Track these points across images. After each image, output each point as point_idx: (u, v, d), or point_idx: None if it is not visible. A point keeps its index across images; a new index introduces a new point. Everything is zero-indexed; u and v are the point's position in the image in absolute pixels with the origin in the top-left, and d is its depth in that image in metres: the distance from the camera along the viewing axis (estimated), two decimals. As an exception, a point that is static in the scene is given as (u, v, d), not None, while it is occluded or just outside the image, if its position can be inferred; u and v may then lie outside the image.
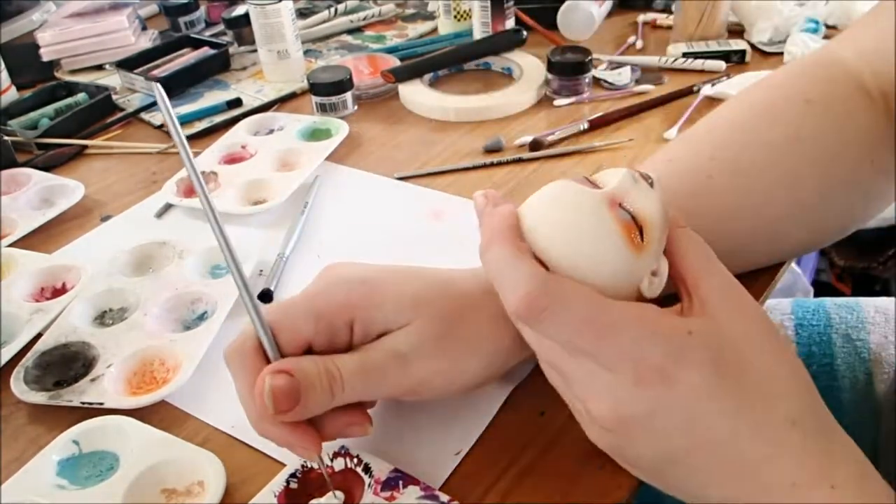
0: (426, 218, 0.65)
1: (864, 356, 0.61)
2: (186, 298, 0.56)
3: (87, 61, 0.99)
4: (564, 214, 0.35)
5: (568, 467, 0.42)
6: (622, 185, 0.35)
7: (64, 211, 0.69)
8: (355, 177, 0.72)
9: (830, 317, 0.64)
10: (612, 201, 0.35)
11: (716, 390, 0.33)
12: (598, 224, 0.34)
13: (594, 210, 0.35)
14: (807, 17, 0.85)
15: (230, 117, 0.83)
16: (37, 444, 0.46)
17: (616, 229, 0.34)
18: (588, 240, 0.35)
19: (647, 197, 0.35)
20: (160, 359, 0.51)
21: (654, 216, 0.35)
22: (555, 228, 0.35)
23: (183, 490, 0.43)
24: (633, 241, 0.34)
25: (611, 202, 0.35)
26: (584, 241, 0.35)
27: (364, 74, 0.86)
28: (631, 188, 0.35)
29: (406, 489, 0.40)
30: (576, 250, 0.35)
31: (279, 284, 0.58)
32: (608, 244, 0.34)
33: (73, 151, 0.80)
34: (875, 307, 0.64)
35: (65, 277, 0.60)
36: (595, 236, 0.35)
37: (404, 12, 1.09)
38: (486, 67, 0.90)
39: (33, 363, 0.52)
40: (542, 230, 0.36)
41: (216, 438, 0.46)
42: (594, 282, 0.35)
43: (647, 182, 0.36)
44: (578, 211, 0.35)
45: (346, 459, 0.42)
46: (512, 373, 0.46)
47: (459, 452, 0.44)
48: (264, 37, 0.88)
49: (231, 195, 0.68)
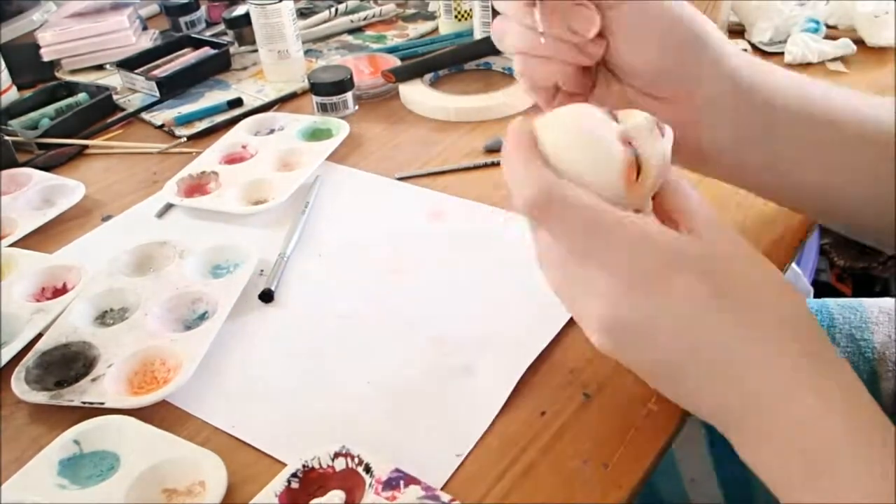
0: (426, 218, 0.65)
1: (867, 356, 0.61)
2: (187, 298, 0.56)
3: (87, 61, 0.99)
4: (579, 137, 0.38)
5: (568, 467, 0.42)
6: (638, 127, 0.38)
7: (64, 211, 0.69)
8: (356, 177, 0.72)
9: (834, 317, 0.64)
10: (625, 139, 0.37)
11: (709, 298, 0.35)
12: (606, 155, 0.37)
13: (606, 141, 0.37)
14: (807, 17, 0.85)
15: (231, 117, 0.83)
16: (37, 443, 0.46)
17: (619, 162, 0.37)
18: (593, 165, 0.37)
19: (654, 145, 0.37)
20: (161, 358, 0.51)
21: (654, 163, 0.37)
22: (568, 148, 0.38)
23: (184, 490, 0.43)
24: (629, 179, 0.37)
25: (623, 139, 0.37)
26: (589, 166, 0.37)
27: (364, 74, 0.86)
28: (644, 133, 0.37)
29: (407, 489, 0.40)
30: (580, 171, 0.37)
31: (280, 284, 0.58)
32: (609, 174, 0.37)
33: (73, 151, 0.80)
34: (878, 307, 0.64)
35: (65, 277, 0.60)
36: (600, 164, 0.37)
37: (405, 12, 1.09)
38: (486, 67, 0.90)
39: (34, 363, 0.52)
40: (558, 146, 0.38)
41: (217, 438, 0.47)
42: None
43: (660, 131, 0.38)
44: (591, 137, 0.37)
45: (346, 459, 0.42)
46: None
47: (461, 453, 0.44)
48: (265, 37, 0.88)
49: (232, 195, 0.68)
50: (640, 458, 0.42)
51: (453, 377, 0.49)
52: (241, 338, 0.54)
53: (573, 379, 0.48)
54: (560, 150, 0.38)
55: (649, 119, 0.38)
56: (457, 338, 0.52)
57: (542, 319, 0.52)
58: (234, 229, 0.66)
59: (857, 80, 0.79)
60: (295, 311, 0.56)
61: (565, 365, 0.49)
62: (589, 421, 0.45)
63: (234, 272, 0.59)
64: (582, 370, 0.48)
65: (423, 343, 0.52)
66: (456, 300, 0.56)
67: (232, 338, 0.54)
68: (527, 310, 0.53)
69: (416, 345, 0.52)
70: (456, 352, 0.51)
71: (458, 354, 0.51)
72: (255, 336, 0.54)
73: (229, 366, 0.52)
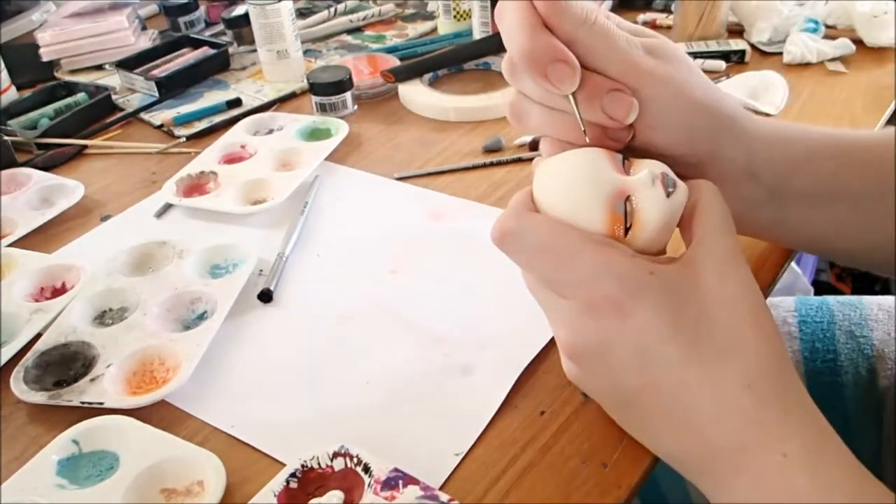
0: (426, 218, 0.65)
1: (867, 353, 0.61)
2: (186, 298, 0.56)
3: (86, 61, 0.99)
4: (568, 188, 0.37)
5: (568, 467, 0.42)
6: (639, 181, 0.36)
7: (64, 211, 0.69)
8: (355, 177, 0.72)
9: (834, 314, 0.64)
10: (621, 192, 0.36)
11: (667, 334, 0.34)
12: (589, 209, 0.36)
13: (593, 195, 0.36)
14: (806, 17, 0.85)
15: (230, 117, 0.83)
16: (37, 443, 0.46)
17: (601, 222, 0.36)
18: (576, 211, 0.36)
19: (654, 202, 0.36)
20: (160, 358, 0.51)
21: (651, 222, 0.36)
22: (556, 195, 0.37)
23: (183, 490, 0.43)
24: (614, 234, 0.36)
25: (619, 192, 0.36)
26: (572, 210, 0.37)
27: (364, 74, 0.86)
28: (645, 188, 0.36)
29: (406, 489, 0.40)
30: (564, 214, 0.37)
31: (279, 284, 0.58)
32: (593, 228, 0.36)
33: (72, 151, 0.80)
34: (878, 305, 0.64)
35: (64, 277, 0.60)
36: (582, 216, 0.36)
37: (404, 12, 1.09)
38: (485, 67, 0.90)
39: (33, 363, 0.52)
40: (546, 191, 0.38)
41: (216, 438, 0.47)
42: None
43: (665, 188, 0.36)
44: (580, 189, 0.36)
45: (345, 459, 0.42)
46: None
47: (459, 452, 0.44)
48: (264, 37, 0.88)
49: (231, 195, 0.68)
50: (640, 458, 0.42)
51: (452, 377, 0.49)
52: (240, 338, 0.54)
53: (572, 379, 0.48)
54: (549, 196, 0.37)
55: (652, 175, 0.36)
56: (456, 337, 0.52)
57: (540, 319, 0.51)
58: (233, 229, 0.66)
59: (856, 80, 0.79)
60: (294, 311, 0.56)
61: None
62: (588, 421, 0.45)
63: (233, 272, 0.59)
64: (581, 370, 0.48)
65: (422, 343, 0.52)
66: (455, 300, 0.56)
67: (231, 338, 0.54)
68: (525, 309, 0.53)
69: (415, 345, 0.52)
70: (455, 351, 0.51)
71: (456, 354, 0.51)
72: (255, 336, 0.54)
73: (228, 366, 0.52)
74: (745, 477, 0.34)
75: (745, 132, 0.42)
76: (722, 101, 0.42)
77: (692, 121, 0.40)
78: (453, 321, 0.53)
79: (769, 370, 0.35)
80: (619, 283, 0.34)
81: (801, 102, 0.76)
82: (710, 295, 0.35)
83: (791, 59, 0.83)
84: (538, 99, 0.39)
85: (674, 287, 0.35)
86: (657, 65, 0.38)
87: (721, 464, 0.34)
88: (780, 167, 0.43)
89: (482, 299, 0.55)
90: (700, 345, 0.34)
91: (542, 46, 0.36)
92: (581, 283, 0.35)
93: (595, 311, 0.35)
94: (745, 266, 0.36)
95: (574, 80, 0.36)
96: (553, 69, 0.36)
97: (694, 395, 0.34)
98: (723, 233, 0.37)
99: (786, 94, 0.76)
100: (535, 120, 0.40)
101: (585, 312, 0.35)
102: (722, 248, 0.36)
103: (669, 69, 0.39)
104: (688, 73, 0.40)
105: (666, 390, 0.35)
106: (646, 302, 0.34)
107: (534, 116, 0.40)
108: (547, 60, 0.36)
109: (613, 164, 0.37)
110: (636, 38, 0.39)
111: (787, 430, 0.34)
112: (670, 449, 0.37)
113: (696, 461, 0.36)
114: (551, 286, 0.37)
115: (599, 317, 0.35)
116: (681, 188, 0.37)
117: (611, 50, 0.37)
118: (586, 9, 0.37)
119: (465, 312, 0.54)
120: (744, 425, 0.34)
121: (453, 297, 0.56)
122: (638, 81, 0.38)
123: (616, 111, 0.37)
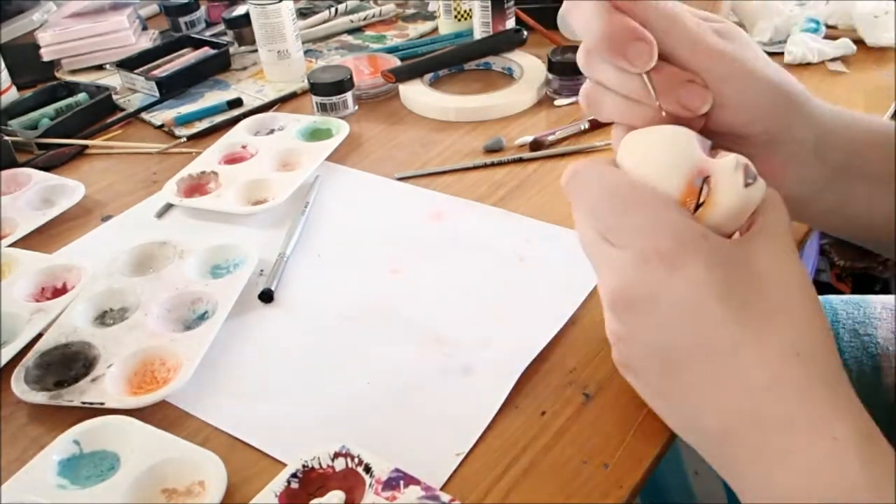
0: (426, 218, 0.65)
1: (871, 351, 0.61)
2: (187, 298, 0.56)
3: (87, 61, 0.99)
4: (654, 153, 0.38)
5: (568, 467, 0.42)
6: (722, 165, 0.37)
7: (64, 211, 0.69)
8: (355, 177, 0.72)
9: (837, 312, 0.64)
10: (701, 170, 0.37)
11: (717, 292, 0.34)
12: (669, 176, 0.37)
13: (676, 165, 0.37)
14: (807, 17, 0.85)
15: (231, 117, 0.83)
16: (37, 443, 0.46)
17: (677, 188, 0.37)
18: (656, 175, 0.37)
19: (732, 186, 0.36)
20: (161, 359, 0.51)
21: (723, 205, 0.36)
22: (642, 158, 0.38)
23: (183, 490, 0.43)
24: (686, 205, 0.37)
25: (700, 170, 0.37)
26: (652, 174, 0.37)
27: (364, 74, 0.86)
28: (723, 172, 0.37)
29: (407, 489, 0.40)
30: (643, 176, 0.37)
31: (280, 284, 0.58)
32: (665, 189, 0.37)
33: (73, 151, 0.80)
34: (882, 304, 0.64)
35: (65, 277, 0.60)
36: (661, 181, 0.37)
37: (404, 12, 1.09)
38: (486, 67, 0.90)
39: (34, 363, 0.52)
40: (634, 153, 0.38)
41: (217, 438, 0.47)
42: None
43: (745, 178, 0.37)
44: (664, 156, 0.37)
45: (346, 459, 0.42)
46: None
47: (460, 452, 0.44)
48: (265, 37, 0.88)
49: (231, 195, 0.68)
50: (640, 458, 0.42)
51: (453, 377, 0.49)
52: (240, 338, 0.54)
53: (573, 379, 0.48)
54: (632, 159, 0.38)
55: (737, 161, 0.37)
56: (456, 337, 0.52)
57: (541, 319, 0.52)
58: (234, 229, 0.66)
59: (856, 81, 0.79)
60: (295, 311, 0.56)
61: (565, 365, 0.49)
62: (589, 421, 0.45)
63: (233, 272, 0.59)
64: (582, 370, 0.48)
65: (423, 343, 0.52)
66: (455, 300, 0.55)
67: (232, 338, 0.54)
68: (526, 309, 0.53)
69: (416, 344, 0.52)
70: (455, 351, 0.51)
71: (457, 354, 0.51)
72: (255, 336, 0.54)
73: (229, 366, 0.52)
74: (796, 458, 0.32)
75: (813, 114, 0.42)
76: (792, 81, 0.42)
77: (765, 100, 0.40)
78: (454, 321, 0.53)
79: (818, 348, 0.34)
80: (673, 236, 0.34)
81: (801, 102, 0.76)
82: (763, 273, 0.35)
83: (792, 59, 0.83)
84: (614, 86, 0.40)
85: (727, 255, 0.35)
86: (728, 45, 0.39)
87: (769, 442, 0.33)
88: (845, 149, 0.44)
89: (483, 299, 0.55)
90: (750, 308, 0.34)
91: (618, 28, 0.37)
92: (637, 231, 0.35)
93: (647, 262, 0.35)
94: (798, 258, 0.37)
95: (652, 56, 0.37)
96: (632, 47, 0.37)
97: (744, 356, 0.34)
98: (782, 230, 0.37)
99: (786, 95, 0.76)
100: (610, 107, 0.41)
101: (637, 262, 0.35)
102: (780, 240, 0.36)
103: (740, 49, 0.39)
104: (755, 53, 0.40)
105: (716, 349, 0.34)
106: (697, 258, 0.34)
107: (608, 104, 0.41)
108: (625, 40, 0.37)
109: (702, 145, 0.38)
110: (705, 23, 0.40)
111: (837, 412, 0.33)
112: (714, 424, 0.35)
113: (742, 438, 0.34)
114: (608, 233, 0.37)
115: (651, 268, 0.35)
116: (760, 184, 0.37)
117: (682, 32, 0.38)
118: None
119: (466, 312, 0.54)
120: (794, 396, 0.33)
121: (454, 297, 0.56)
122: (710, 61, 0.38)
123: (691, 101, 0.38)
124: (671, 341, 0.35)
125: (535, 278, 0.57)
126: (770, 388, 0.33)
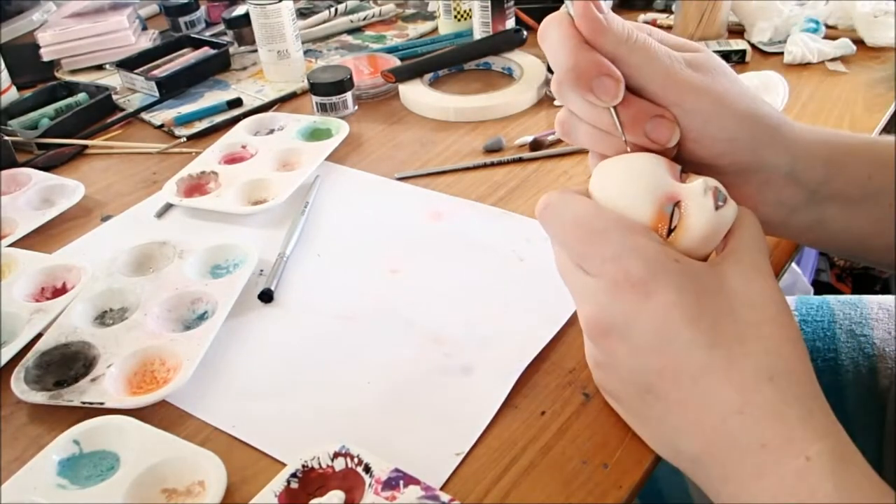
0: (426, 218, 0.65)
1: (867, 352, 0.61)
2: (187, 298, 0.56)
3: (87, 61, 0.99)
4: (623, 181, 0.38)
5: (568, 467, 0.42)
6: (691, 189, 0.37)
7: (64, 211, 0.69)
8: (355, 177, 0.72)
9: (834, 313, 0.64)
10: (671, 196, 0.37)
11: (689, 316, 0.34)
12: (639, 204, 0.37)
13: (644, 193, 0.37)
14: (807, 17, 0.85)
15: (230, 117, 0.83)
16: (37, 443, 0.46)
17: (648, 216, 0.37)
18: (626, 203, 0.38)
19: (702, 210, 0.37)
20: (160, 358, 0.51)
21: (694, 229, 0.37)
22: (611, 188, 0.39)
23: (183, 490, 0.43)
24: (657, 230, 0.37)
25: (669, 195, 0.37)
26: (622, 201, 0.38)
27: (364, 74, 0.86)
28: (696, 196, 0.37)
29: (407, 489, 0.40)
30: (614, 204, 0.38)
31: (280, 284, 0.58)
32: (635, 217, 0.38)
33: (73, 151, 0.80)
34: (878, 304, 0.64)
35: (65, 277, 0.60)
36: (631, 210, 0.38)
37: (404, 12, 1.09)
38: (486, 67, 0.90)
39: (34, 363, 0.52)
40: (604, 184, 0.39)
41: (217, 438, 0.47)
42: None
43: (715, 201, 0.37)
44: (633, 184, 0.38)
45: (346, 459, 0.42)
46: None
47: (460, 452, 0.44)
48: (264, 37, 0.89)
49: (231, 195, 0.68)
50: (640, 459, 0.42)
51: (452, 377, 0.49)
52: (240, 338, 0.54)
53: (573, 379, 0.48)
54: (603, 187, 0.39)
55: (706, 184, 0.37)
56: (456, 337, 0.52)
57: (541, 319, 0.52)
58: (234, 229, 0.66)
59: (856, 80, 0.79)
60: (294, 311, 0.56)
61: (565, 365, 0.49)
62: (589, 421, 0.45)
63: (233, 272, 0.59)
64: (582, 370, 0.48)
65: (423, 343, 0.52)
66: (455, 300, 0.55)
67: (232, 338, 0.54)
68: (526, 309, 0.53)
69: (416, 344, 0.52)
70: (455, 351, 0.51)
71: (457, 354, 0.51)
72: (255, 336, 0.54)
73: (229, 366, 0.52)
74: (768, 479, 0.33)
75: (787, 138, 0.43)
76: (763, 109, 0.42)
77: (734, 131, 0.40)
78: (454, 321, 0.53)
79: (792, 370, 0.35)
80: (644, 263, 0.35)
81: (801, 102, 0.76)
82: (734, 294, 0.35)
83: (792, 59, 0.83)
84: (585, 117, 0.40)
85: (698, 277, 0.35)
86: (698, 78, 0.39)
87: (743, 463, 0.34)
88: (820, 170, 0.44)
89: (482, 299, 0.55)
90: (722, 333, 0.34)
91: (585, 62, 0.37)
92: (608, 259, 0.36)
93: (619, 289, 0.35)
94: (772, 279, 0.37)
95: (618, 92, 0.37)
96: (598, 83, 0.37)
97: (715, 380, 0.34)
98: (755, 249, 0.37)
99: (786, 95, 0.76)
100: (583, 136, 0.42)
101: (610, 290, 0.36)
102: (752, 260, 0.37)
103: (710, 82, 0.40)
104: (729, 84, 0.41)
105: (687, 373, 0.35)
106: (669, 284, 0.35)
107: (581, 133, 0.41)
108: (592, 75, 0.37)
109: (671, 171, 0.38)
110: (678, 53, 0.40)
111: (811, 433, 0.33)
112: (690, 447, 0.36)
113: (716, 460, 0.35)
114: (581, 262, 0.38)
115: (623, 295, 0.35)
116: (731, 205, 0.38)
117: (652, 66, 0.38)
118: (626, 27, 0.38)
119: (466, 312, 0.54)
120: (766, 419, 0.33)
121: (454, 297, 0.56)
122: (679, 96, 0.39)
123: (658, 136, 0.39)
124: (646, 366, 0.36)
125: (535, 278, 0.57)
126: (742, 410, 0.34)
